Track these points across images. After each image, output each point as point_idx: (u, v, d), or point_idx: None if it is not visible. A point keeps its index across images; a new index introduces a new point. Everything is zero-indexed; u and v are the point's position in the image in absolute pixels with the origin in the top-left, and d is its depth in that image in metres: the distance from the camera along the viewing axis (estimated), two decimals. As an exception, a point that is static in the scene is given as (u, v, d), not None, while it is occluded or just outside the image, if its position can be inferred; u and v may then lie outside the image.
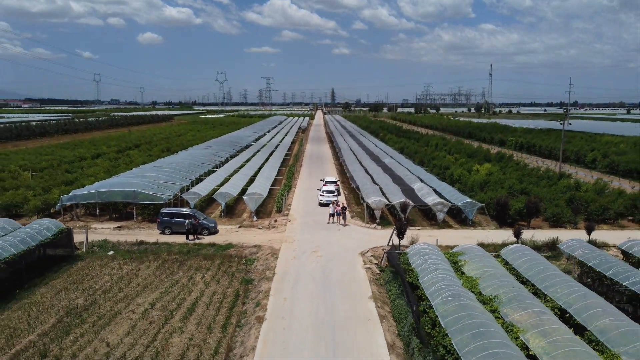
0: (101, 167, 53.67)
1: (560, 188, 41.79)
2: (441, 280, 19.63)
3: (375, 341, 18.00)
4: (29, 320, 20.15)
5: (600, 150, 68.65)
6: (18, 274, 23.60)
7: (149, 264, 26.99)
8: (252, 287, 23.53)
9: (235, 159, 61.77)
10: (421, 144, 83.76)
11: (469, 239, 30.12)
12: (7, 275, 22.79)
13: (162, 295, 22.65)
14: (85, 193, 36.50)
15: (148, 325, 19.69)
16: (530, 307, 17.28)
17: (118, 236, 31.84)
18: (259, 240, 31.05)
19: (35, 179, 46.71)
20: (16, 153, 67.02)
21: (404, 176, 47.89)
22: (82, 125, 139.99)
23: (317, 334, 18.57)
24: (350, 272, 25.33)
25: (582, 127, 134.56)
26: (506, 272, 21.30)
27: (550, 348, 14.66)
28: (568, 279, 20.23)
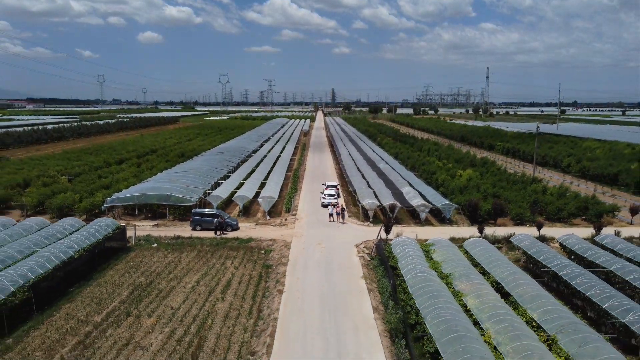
0: (128, 172, 60.71)
1: (528, 192, 48.79)
2: (413, 263, 26.71)
3: (363, 305, 25.09)
4: (108, 293, 27.23)
5: (576, 156, 75.58)
6: (92, 260, 30.65)
7: (187, 253, 34.05)
8: (271, 271, 30.61)
9: (245, 164, 68.82)
10: (414, 149, 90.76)
11: (444, 234, 37.16)
12: (85, 261, 29.82)
13: (203, 276, 29.73)
14: (126, 196, 43.63)
15: (197, 296, 26.77)
16: (474, 280, 24.36)
17: (157, 232, 38.92)
18: (273, 235, 38.13)
19: (74, 184, 53.70)
20: (47, 158, 73.94)
21: (396, 181, 54.95)
22: (94, 128, 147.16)
23: (322, 301, 25.65)
24: (347, 259, 32.42)
25: (571, 131, 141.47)
26: (463, 258, 28.40)
27: (481, 305, 21.72)
28: (507, 263, 27.32)
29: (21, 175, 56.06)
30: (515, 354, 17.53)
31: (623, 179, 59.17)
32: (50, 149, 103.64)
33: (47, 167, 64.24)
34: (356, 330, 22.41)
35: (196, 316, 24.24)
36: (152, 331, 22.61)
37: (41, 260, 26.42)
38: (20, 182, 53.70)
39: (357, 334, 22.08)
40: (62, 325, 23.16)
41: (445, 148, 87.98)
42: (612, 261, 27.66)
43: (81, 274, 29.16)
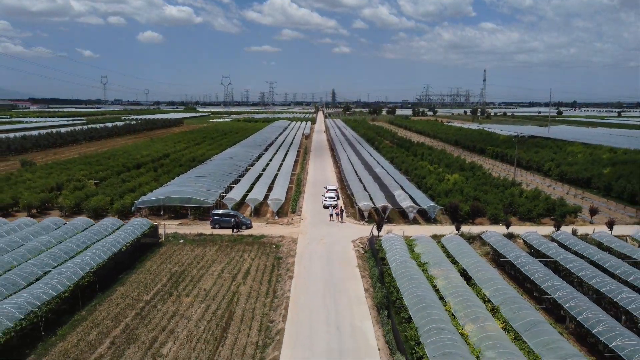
0: (148, 176, 67.16)
1: (506, 194, 55.14)
2: (397, 255, 33.10)
3: (357, 287, 31.51)
4: (151, 278, 33.63)
5: (557, 160, 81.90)
6: (134, 253, 37.03)
7: (210, 248, 40.46)
8: (282, 261, 37.01)
9: (253, 168, 75.19)
10: (410, 153, 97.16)
11: (428, 231, 43.53)
12: (129, 253, 36.19)
13: (226, 266, 36.12)
14: (153, 199, 50.05)
15: (223, 281, 33.17)
16: (445, 268, 30.77)
17: (182, 230, 45.32)
18: (282, 232, 44.55)
19: (101, 187, 60.10)
20: (70, 162, 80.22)
21: (389, 184, 61.36)
22: (104, 131, 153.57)
23: (324, 284, 32.06)
24: (344, 252, 38.84)
25: (561, 134, 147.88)
26: (439, 250, 34.82)
27: (447, 285, 28.12)
28: (474, 254, 33.71)
29: (53, 180, 62.43)
30: (465, 317, 23.91)
31: (595, 182, 65.50)
32: (66, 152, 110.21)
33: (72, 171, 70.60)
34: (350, 305, 28.84)
35: (224, 296, 30.65)
36: (191, 306, 29.03)
37: (98, 252, 32.82)
38: (53, 185, 60.12)
39: (351, 307, 28.51)
40: (120, 302, 29.59)
41: (438, 152, 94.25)
42: (560, 253, 34.05)
43: (126, 264, 35.54)
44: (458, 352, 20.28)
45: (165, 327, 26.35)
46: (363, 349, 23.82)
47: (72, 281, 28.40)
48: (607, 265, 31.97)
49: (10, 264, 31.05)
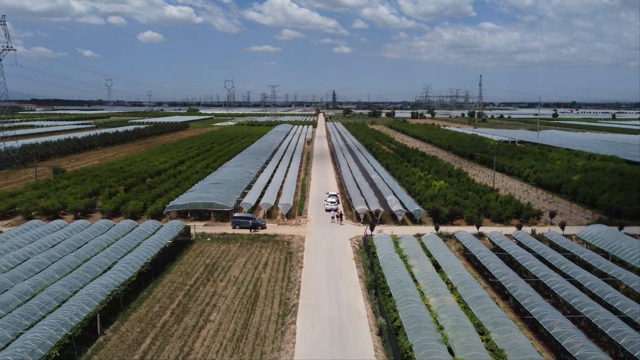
0: (170, 183, 76.02)
1: (483, 199, 64.01)
2: (385, 250, 42.06)
3: (352, 274, 40.50)
4: (190, 268, 42.59)
5: (537, 167, 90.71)
6: (174, 248, 45.97)
7: (234, 245, 49.41)
8: (293, 255, 45.96)
9: (262, 175, 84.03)
10: (404, 159, 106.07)
11: (412, 231, 52.43)
12: (171, 248, 45.12)
13: (248, 259, 45.07)
14: (181, 204, 59.01)
15: (248, 270, 42.12)
16: (421, 259, 39.74)
17: (208, 230, 54.27)
18: (291, 232, 53.51)
19: (132, 192, 69.00)
20: (98, 169, 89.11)
21: (383, 190, 70.28)
22: (118, 137, 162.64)
23: (327, 272, 41.02)
24: (343, 248, 47.80)
25: (549, 139, 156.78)
26: (419, 246, 43.78)
27: (420, 272, 37.08)
28: (446, 249, 42.64)
29: (89, 186, 71.39)
30: (430, 294, 32.86)
31: (564, 188, 74.38)
32: (86, 158, 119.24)
33: (102, 178, 79.49)
34: (347, 287, 37.82)
35: (250, 281, 39.61)
36: (226, 288, 37.99)
37: (149, 247, 41.80)
38: (91, 191, 69.13)
39: (347, 289, 37.48)
40: (170, 286, 38.56)
41: (430, 160, 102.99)
42: (514, 249, 43.00)
43: (169, 257, 44.48)
44: (421, 315, 29.23)
45: (209, 303, 35.32)
46: (355, 316, 32.79)
47: (136, 269, 37.36)
48: (548, 257, 40.93)
49: (85, 257, 40.04)
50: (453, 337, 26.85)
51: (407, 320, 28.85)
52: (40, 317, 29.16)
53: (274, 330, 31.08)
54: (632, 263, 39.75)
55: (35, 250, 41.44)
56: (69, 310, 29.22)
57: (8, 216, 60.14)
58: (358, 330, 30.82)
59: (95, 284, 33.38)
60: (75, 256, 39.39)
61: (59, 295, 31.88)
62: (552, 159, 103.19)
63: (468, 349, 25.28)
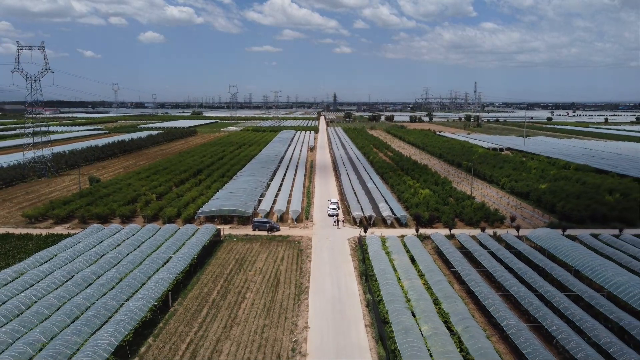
0: (195, 191, 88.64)
1: (460, 206, 76.56)
2: (374, 247, 54.81)
3: (349, 266, 53.32)
4: (224, 262, 55.37)
5: (514, 175, 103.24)
6: (209, 247, 58.70)
7: (255, 243, 62.15)
8: (303, 252, 58.71)
9: (272, 184, 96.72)
10: (398, 168, 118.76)
11: (398, 233, 65.09)
12: (208, 247, 57.80)
13: (268, 255, 57.83)
14: (209, 210, 71.76)
15: (269, 263, 54.88)
16: (401, 255, 52.52)
17: (233, 232, 66.99)
18: (300, 233, 66.26)
19: (165, 199, 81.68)
20: (128, 177, 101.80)
21: (376, 198, 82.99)
22: (134, 144, 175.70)
23: (330, 264, 53.83)
24: (342, 246, 60.58)
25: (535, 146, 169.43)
26: (401, 245, 56.55)
27: (400, 264, 49.85)
28: (421, 248, 55.36)
29: (128, 195, 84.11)
30: (405, 278, 45.57)
31: (532, 195, 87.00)
32: (111, 166, 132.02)
33: (135, 186, 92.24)
34: (345, 275, 50.59)
35: (272, 271, 52.34)
36: (254, 276, 50.75)
37: (193, 245, 54.54)
38: (129, 199, 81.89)
39: (345, 276, 50.25)
40: (211, 275, 51.29)
41: (420, 169, 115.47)
42: (475, 247, 55.67)
43: (206, 254, 57.22)
44: (396, 292, 41.92)
45: (243, 286, 48.09)
46: (350, 295, 45.54)
47: (187, 262, 50.14)
48: (498, 253, 53.65)
49: (147, 253, 52.82)
50: (416, 306, 39.60)
51: (386, 296, 41.56)
52: (132, 294, 41.93)
53: (293, 304, 43.84)
54: (560, 257, 52.39)
55: (106, 248, 54.24)
56: (149, 290, 41.95)
57: (66, 220, 72.87)
58: (352, 304, 43.61)
59: (162, 272, 46.17)
60: (140, 252, 52.24)
61: (140, 279, 44.69)
62: (529, 168, 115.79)
63: (424, 312, 38.02)
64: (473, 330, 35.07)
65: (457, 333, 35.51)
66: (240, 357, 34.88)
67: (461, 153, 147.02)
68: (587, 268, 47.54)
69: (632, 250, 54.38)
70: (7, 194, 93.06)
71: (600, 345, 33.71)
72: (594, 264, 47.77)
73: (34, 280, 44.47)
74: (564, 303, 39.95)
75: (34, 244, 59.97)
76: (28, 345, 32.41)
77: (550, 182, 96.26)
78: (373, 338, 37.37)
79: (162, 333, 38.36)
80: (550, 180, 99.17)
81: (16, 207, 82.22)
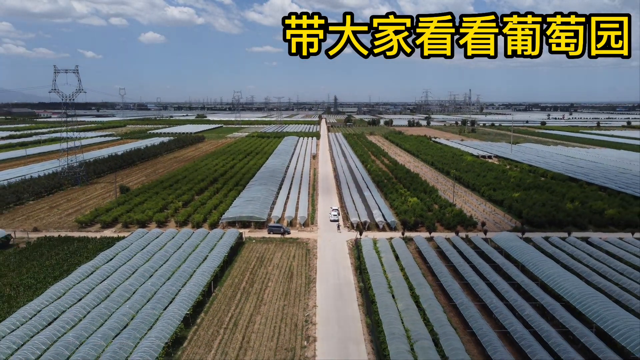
0: (214, 199, 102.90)
1: (441, 212, 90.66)
2: (367, 248, 69.08)
3: (347, 262, 67.67)
4: (247, 259, 69.67)
5: (493, 184, 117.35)
6: (235, 247, 72.93)
7: (271, 244, 76.43)
8: (310, 251, 72.99)
9: (281, 192, 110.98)
10: (392, 176, 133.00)
11: (388, 236, 79.26)
12: (234, 247, 72.01)
13: (282, 253, 72.14)
14: (230, 216, 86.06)
15: (284, 260, 69.18)
16: (388, 253, 66.83)
17: (252, 235, 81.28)
18: (307, 236, 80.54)
19: (190, 207, 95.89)
20: (155, 187, 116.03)
21: (371, 205, 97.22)
22: (150, 152, 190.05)
23: (332, 260, 68.15)
24: (342, 246, 74.90)
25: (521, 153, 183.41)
26: (389, 246, 70.85)
27: (386, 261, 64.13)
28: (405, 248, 69.59)
29: (159, 203, 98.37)
30: (389, 271, 59.78)
31: (505, 203, 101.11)
32: (133, 175, 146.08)
33: (162, 195, 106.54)
34: (343, 269, 64.90)
35: (286, 266, 66.59)
36: (273, 270, 65.01)
37: (223, 246, 68.80)
38: (160, 207, 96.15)
39: (344, 270, 64.55)
40: (239, 269, 65.54)
41: (412, 177, 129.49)
42: (447, 247, 69.86)
43: (233, 253, 71.42)
44: (382, 281, 56.14)
45: (265, 277, 62.37)
46: (348, 283, 59.81)
47: (221, 259, 64.39)
48: (465, 253, 67.83)
49: (188, 252, 67.08)
50: (395, 291, 53.83)
51: (374, 284, 55.78)
52: (185, 282, 56.19)
53: (304, 290, 58.08)
54: (513, 255, 66.49)
55: (154, 248, 68.51)
56: (197, 279, 56.17)
57: (111, 225, 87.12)
58: (349, 289, 57.87)
59: (203, 266, 60.48)
60: (182, 251, 66.58)
61: (188, 272, 58.99)
62: (508, 177, 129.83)
63: (401, 295, 52.25)
64: (434, 307, 49.29)
65: (423, 309, 49.72)
66: (269, 326, 49.16)
67: (451, 161, 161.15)
68: (530, 263, 61.72)
69: (569, 249, 68.58)
70: (52, 202, 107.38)
71: (523, 318, 47.89)
72: (536, 261, 61.97)
73: (109, 273, 58.75)
74: (504, 288, 54.21)
75: (92, 245, 74.15)
76: (123, 315, 46.70)
77: (524, 190, 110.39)
78: (363, 312, 51.63)
79: (210, 310, 52.65)
80: (526, 188, 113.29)
81: (63, 213, 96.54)
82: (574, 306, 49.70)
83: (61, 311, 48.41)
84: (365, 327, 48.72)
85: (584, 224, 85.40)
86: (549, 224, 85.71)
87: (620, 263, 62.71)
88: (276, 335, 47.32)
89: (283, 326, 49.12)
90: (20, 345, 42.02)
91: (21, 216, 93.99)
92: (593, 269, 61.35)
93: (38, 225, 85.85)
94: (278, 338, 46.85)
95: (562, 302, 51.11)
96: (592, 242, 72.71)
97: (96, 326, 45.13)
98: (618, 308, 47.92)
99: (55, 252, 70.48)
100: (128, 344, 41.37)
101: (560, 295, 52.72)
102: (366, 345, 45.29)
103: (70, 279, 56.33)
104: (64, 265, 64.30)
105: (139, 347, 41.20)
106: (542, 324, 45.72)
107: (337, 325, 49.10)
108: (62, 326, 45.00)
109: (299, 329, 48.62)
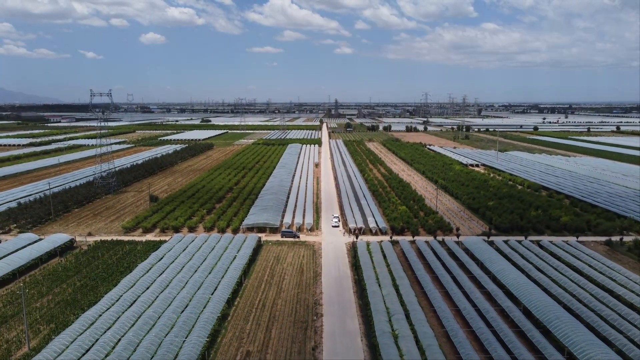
0: (233, 207, 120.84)
1: (424, 219, 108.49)
2: (361, 249, 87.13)
3: (345, 260, 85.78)
4: (267, 258, 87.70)
5: (473, 193, 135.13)
6: (256, 249, 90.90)
7: (284, 246, 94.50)
8: (316, 252, 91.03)
9: (289, 201, 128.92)
10: (386, 185, 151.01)
11: (379, 239, 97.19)
12: (255, 249, 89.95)
13: (294, 254, 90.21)
14: (250, 223, 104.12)
15: (296, 259, 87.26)
16: (378, 253, 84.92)
17: (267, 238, 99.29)
18: (313, 239, 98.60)
19: (214, 214, 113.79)
20: (180, 196, 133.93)
21: (367, 212, 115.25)
22: (167, 161, 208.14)
23: (334, 259, 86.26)
24: (342, 247, 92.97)
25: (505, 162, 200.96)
26: (379, 247, 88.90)
27: (377, 259, 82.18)
28: (392, 250, 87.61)
29: (188, 211, 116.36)
30: (378, 267, 77.74)
31: (480, 210, 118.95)
32: (156, 184, 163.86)
33: (187, 204, 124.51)
34: (343, 265, 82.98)
35: (297, 264, 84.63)
36: (288, 267, 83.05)
37: (248, 248, 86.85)
38: (189, 214, 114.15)
39: (343, 266, 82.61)
40: (261, 266, 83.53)
41: (404, 186, 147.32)
42: (425, 248, 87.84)
43: (254, 253, 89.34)
44: (372, 275, 74.13)
45: (282, 272, 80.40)
46: (346, 277, 77.84)
47: (247, 258, 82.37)
48: (438, 253, 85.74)
49: (220, 253, 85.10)
50: (381, 281, 71.82)
51: (366, 277, 73.78)
52: (222, 275, 74.20)
53: (312, 282, 76.13)
54: (476, 255, 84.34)
55: (193, 250, 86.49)
56: (231, 273, 74.14)
57: (150, 230, 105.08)
58: (346, 281, 75.92)
59: (234, 264, 78.55)
60: (216, 252, 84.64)
61: (224, 268, 77.03)
62: (488, 187, 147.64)
63: (385, 284, 70.25)
64: (409, 293, 67.31)
65: (400, 294, 67.74)
66: (288, 306, 67.20)
67: (440, 171, 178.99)
68: (488, 261, 79.69)
69: (522, 250, 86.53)
70: (93, 209, 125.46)
71: (473, 301, 65.85)
72: (493, 259, 79.91)
73: (162, 268, 76.79)
74: (464, 280, 72.19)
75: (141, 247, 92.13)
76: (184, 298, 64.78)
77: (498, 199, 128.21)
78: (357, 297, 69.72)
79: (243, 295, 70.71)
80: (501, 197, 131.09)
81: (107, 220, 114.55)
82: (512, 292, 67.71)
83: (137, 296, 66.51)
84: (358, 307, 66.76)
85: (542, 229, 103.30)
86: (512, 229, 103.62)
87: (557, 260, 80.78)
88: (294, 313, 65.36)
89: (298, 307, 67.11)
90: (114, 322, 59.94)
91: (72, 222, 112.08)
92: (535, 265, 79.38)
93: (91, 231, 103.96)
94: (295, 315, 64.88)
95: (504, 290, 69.15)
96: (542, 245, 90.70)
97: (166, 305, 63.25)
98: (543, 293, 65.86)
99: (113, 252, 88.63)
100: (192, 317, 59.44)
101: (503, 284, 70.79)
102: (358, 319, 63.32)
103: (134, 274, 74.42)
104: (124, 263, 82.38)
105: (200, 318, 59.27)
106: (484, 304, 63.78)
107: (337, 305, 67.10)
108: (141, 307, 63.01)
109: (310, 308, 66.65)
